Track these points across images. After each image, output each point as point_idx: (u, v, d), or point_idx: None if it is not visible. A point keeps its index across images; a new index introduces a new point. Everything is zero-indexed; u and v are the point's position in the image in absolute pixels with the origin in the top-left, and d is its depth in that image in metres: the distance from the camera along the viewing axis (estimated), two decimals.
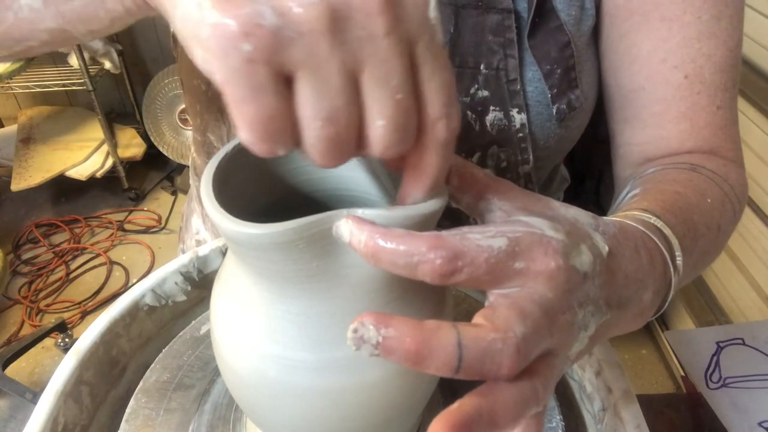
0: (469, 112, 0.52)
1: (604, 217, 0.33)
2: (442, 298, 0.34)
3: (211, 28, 0.22)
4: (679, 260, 0.35)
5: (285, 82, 0.23)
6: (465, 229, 0.26)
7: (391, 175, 0.34)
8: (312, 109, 0.23)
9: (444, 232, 0.25)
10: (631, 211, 0.37)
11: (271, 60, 0.22)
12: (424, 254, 0.24)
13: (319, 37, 0.22)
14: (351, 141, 0.24)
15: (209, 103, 0.59)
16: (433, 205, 0.28)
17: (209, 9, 0.22)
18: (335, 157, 0.24)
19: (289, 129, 0.23)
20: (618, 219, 0.35)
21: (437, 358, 0.22)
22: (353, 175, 0.37)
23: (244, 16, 0.21)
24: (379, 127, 0.24)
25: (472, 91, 0.51)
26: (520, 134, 0.52)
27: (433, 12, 0.24)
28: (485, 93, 0.51)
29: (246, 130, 0.23)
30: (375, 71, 0.23)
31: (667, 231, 0.36)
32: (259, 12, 0.21)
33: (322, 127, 0.23)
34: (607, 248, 0.29)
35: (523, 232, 0.26)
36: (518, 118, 0.51)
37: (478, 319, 0.24)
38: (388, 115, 0.24)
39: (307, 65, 0.22)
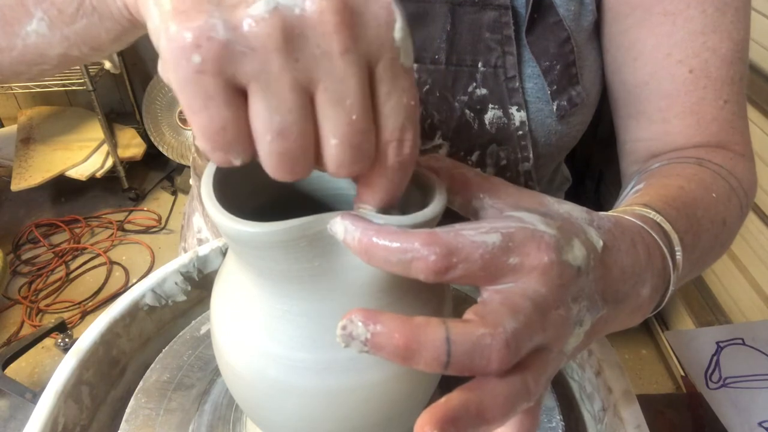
0: (467, 111, 0.51)
1: (600, 212, 0.32)
2: (442, 300, 0.34)
3: (166, 39, 0.22)
4: (678, 256, 0.35)
5: (240, 94, 0.23)
6: (458, 226, 0.26)
7: None
8: (263, 123, 0.23)
9: (437, 229, 0.25)
10: (630, 206, 0.37)
11: (220, 72, 0.22)
12: (417, 251, 0.24)
13: (269, 53, 0.22)
14: (305, 156, 0.24)
15: None
16: (432, 210, 0.28)
17: (168, 21, 0.22)
18: (289, 171, 0.24)
19: (243, 140, 0.23)
20: (614, 214, 0.34)
21: (426, 353, 0.22)
22: None
23: (197, 28, 0.22)
24: (332, 146, 0.24)
25: (471, 89, 0.51)
26: (520, 132, 0.52)
27: (398, 33, 0.24)
28: (484, 91, 0.51)
29: (200, 138, 0.23)
30: (329, 90, 0.23)
31: (666, 226, 0.35)
32: (212, 25, 0.22)
33: (273, 141, 0.23)
34: (601, 242, 0.29)
35: (516, 228, 0.26)
36: (518, 115, 0.51)
37: (468, 314, 0.24)
38: (342, 134, 0.24)
39: (258, 79, 0.22)
